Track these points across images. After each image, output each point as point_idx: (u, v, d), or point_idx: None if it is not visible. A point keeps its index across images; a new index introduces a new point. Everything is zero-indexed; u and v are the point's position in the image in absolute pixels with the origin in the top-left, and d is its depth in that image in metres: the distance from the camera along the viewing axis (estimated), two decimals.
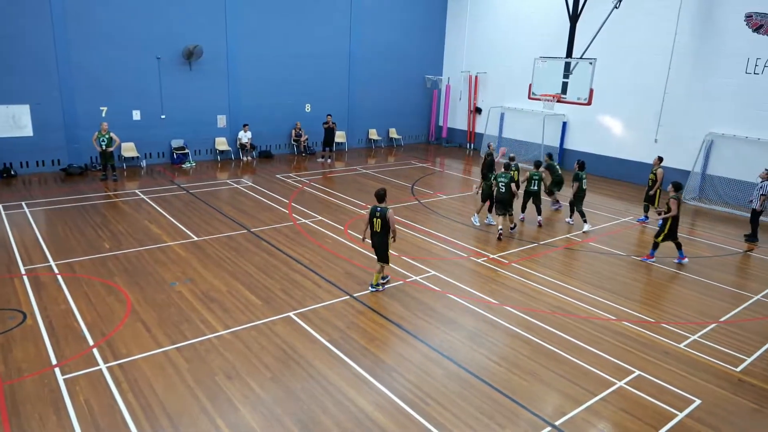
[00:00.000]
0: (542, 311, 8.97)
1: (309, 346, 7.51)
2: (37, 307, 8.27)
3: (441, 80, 26.26)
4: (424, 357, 7.40)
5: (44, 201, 13.94)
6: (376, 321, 8.34)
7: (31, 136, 16.53)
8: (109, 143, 15.90)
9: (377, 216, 8.91)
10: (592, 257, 11.68)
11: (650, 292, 10.02)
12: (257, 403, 6.25)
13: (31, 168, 16.85)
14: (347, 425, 5.94)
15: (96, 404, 6.08)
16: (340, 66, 22.93)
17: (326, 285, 9.54)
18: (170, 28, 18.16)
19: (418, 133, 26.89)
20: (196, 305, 8.56)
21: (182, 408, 6.10)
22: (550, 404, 6.53)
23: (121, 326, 7.81)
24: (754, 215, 13.18)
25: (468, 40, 24.97)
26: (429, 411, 6.25)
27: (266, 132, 21.31)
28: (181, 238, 11.60)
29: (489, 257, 11.33)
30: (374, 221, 8.95)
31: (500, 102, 23.70)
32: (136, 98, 18.13)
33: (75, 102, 17.02)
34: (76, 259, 10.17)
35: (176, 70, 18.67)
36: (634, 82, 18.91)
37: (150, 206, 13.86)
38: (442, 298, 9.28)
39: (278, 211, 13.98)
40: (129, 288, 9.05)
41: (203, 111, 19.66)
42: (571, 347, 7.83)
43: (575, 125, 21.25)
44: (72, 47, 16.58)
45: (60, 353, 7.06)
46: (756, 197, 13.05)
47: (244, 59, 20.05)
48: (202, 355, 7.18)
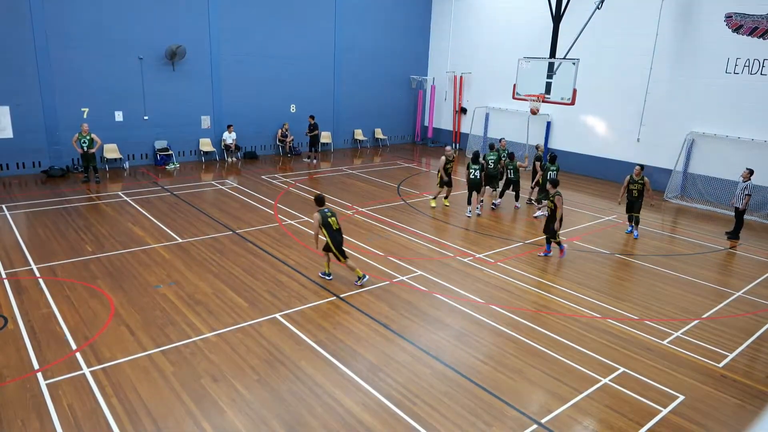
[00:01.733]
0: (528, 310, 9.04)
1: (295, 348, 7.48)
2: (18, 311, 8.13)
3: (426, 80, 26.33)
4: (411, 357, 7.42)
5: (25, 203, 13.71)
6: (362, 321, 8.33)
7: (11, 137, 16.26)
8: (90, 144, 15.69)
9: (333, 216, 9.41)
10: (576, 255, 11.79)
11: (633, 290, 10.15)
12: (243, 406, 6.21)
13: (11, 170, 16.57)
14: (334, 426, 5.93)
15: (79, 409, 6.00)
16: (325, 66, 22.89)
17: (312, 286, 9.52)
18: (153, 28, 17.98)
19: (404, 133, 26.94)
20: (181, 308, 8.48)
21: (167, 411, 6.05)
22: (536, 402, 6.58)
23: (104, 330, 7.71)
24: (738, 214, 13.36)
25: (452, 40, 25.08)
26: (416, 411, 6.26)
27: (251, 133, 21.19)
28: (165, 240, 11.48)
29: (475, 257, 11.39)
30: (331, 222, 9.32)
31: (485, 102, 23.83)
32: (118, 99, 17.92)
33: (56, 103, 16.77)
34: (58, 263, 10.03)
35: (159, 70, 18.49)
36: (617, 82, 19.14)
37: (133, 208, 13.70)
38: (428, 298, 9.30)
39: (264, 212, 13.90)
40: (112, 291, 8.94)
41: (187, 112, 19.50)
42: (557, 345, 7.90)
43: (559, 125, 21.45)
44: (52, 47, 16.34)
45: (42, 358, 6.95)
46: (740, 197, 13.16)
47: (228, 60, 19.93)
48: (187, 357, 7.12)
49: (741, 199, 13.12)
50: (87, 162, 15.89)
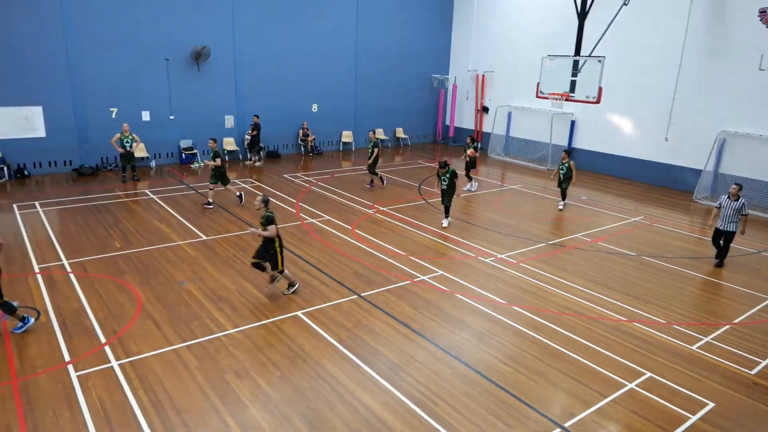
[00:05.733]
0: (550, 311, 8.95)
1: (317, 345, 7.54)
2: (50, 304, 8.36)
3: (448, 79, 26.22)
4: (432, 357, 7.41)
5: (57, 201, 14.08)
6: (383, 320, 8.35)
7: (43, 137, 16.72)
8: (131, 143, 16.00)
9: (261, 221, 8.81)
10: (601, 257, 11.62)
11: (660, 293, 9.95)
12: (266, 402, 6.29)
13: (43, 168, 17.04)
14: (355, 425, 5.96)
15: (108, 400, 6.15)
16: (346, 66, 22.98)
17: (334, 284, 9.57)
18: (179, 30, 18.29)
19: (424, 132, 26.89)
20: (205, 304, 8.62)
21: (192, 405, 6.15)
22: (558, 405, 6.51)
23: (131, 324, 7.89)
24: (729, 239, 11.32)
25: (475, 38, 24.93)
26: (437, 411, 6.26)
27: (273, 132, 21.39)
28: (190, 237, 11.68)
29: (497, 257, 11.31)
30: None
31: (507, 101, 23.64)
32: (145, 99, 18.27)
33: (86, 104, 17.19)
34: (88, 258, 10.28)
35: (185, 71, 18.80)
36: (644, 79, 18.78)
37: (159, 206, 13.97)
38: (449, 298, 9.28)
39: (286, 210, 14.03)
40: (139, 286, 9.13)
41: (211, 111, 19.78)
42: (580, 348, 7.81)
43: (583, 124, 21.15)
44: (83, 50, 16.75)
45: (73, 350, 7.14)
46: (732, 219, 10.97)
47: (251, 59, 20.15)
48: (211, 353, 7.24)
49: (735, 222, 10.98)
50: (126, 161, 16.16)
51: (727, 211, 11.01)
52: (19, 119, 16.25)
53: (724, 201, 11.11)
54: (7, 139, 16.14)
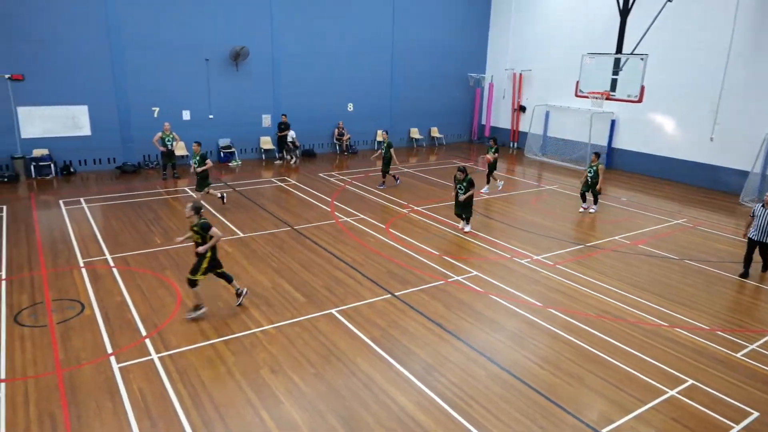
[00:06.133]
0: (588, 314, 8.76)
1: (351, 344, 7.58)
2: (94, 298, 8.67)
3: (484, 78, 25.97)
4: (466, 357, 7.35)
5: (101, 197, 14.59)
6: (417, 320, 8.34)
7: (89, 135, 17.34)
8: (172, 142, 16.44)
9: (194, 230, 7.93)
10: (641, 260, 11.31)
11: (704, 298, 9.62)
12: (300, 398, 6.36)
13: (88, 166, 17.67)
14: (389, 424, 5.96)
15: (148, 392, 6.33)
16: (382, 65, 23.02)
17: (368, 283, 9.60)
18: (218, 31, 18.68)
19: (460, 132, 26.70)
20: (243, 300, 8.77)
21: (228, 399, 6.28)
22: (595, 410, 6.37)
23: (171, 318, 8.10)
24: None
25: (512, 36, 24.60)
26: (470, 412, 6.21)
27: (309, 131, 21.61)
28: (228, 234, 11.91)
29: (532, 258, 11.14)
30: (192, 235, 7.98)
31: (545, 100, 23.24)
32: (186, 99, 18.75)
33: (129, 103, 17.74)
34: (130, 253, 10.61)
35: (224, 71, 19.19)
36: (688, 78, 18.16)
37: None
38: (484, 299, 9.19)
39: (321, 209, 14.16)
40: (179, 282, 9.37)
41: (249, 111, 20.13)
42: (619, 352, 7.62)
43: (624, 123, 20.60)
44: (126, 51, 17.29)
45: (115, 343, 7.38)
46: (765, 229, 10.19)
47: (288, 59, 20.41)
48: (247, 348, 7.36)
49: None
50: (168, 160, 16.63)
51: (762, 220, 10.21)
52: (66, 118, 16.91)
53: (758, 210, 10.34)
54: (54, 137, 16.82)
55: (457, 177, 12.45)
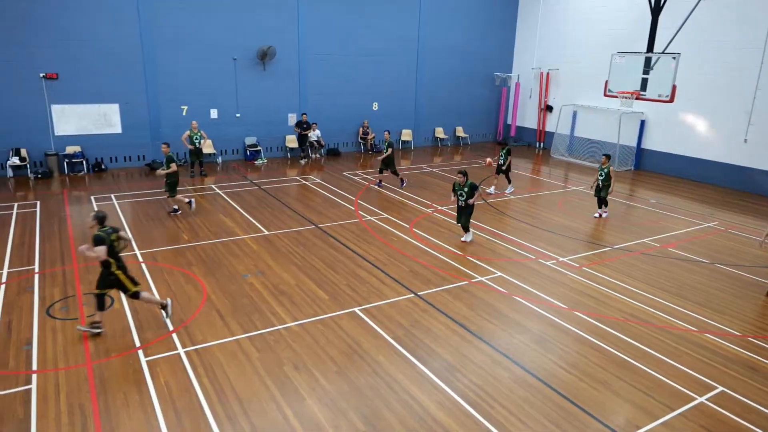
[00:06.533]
0: (615, 318, 8.60)
1: (373, 342, 7.59)
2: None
3: (510, 77, 25.72)
4: (489, 359, 7.30)
5: (130, 194, 14.91)
6: (440, 320, 8.30)
7: (120, 133, 17.74)
8: (200, 140, 16.72)
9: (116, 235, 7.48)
10: (671, 264, 11.06)
11: (735, 303, 9.35)
12: (323, 395, 6.40)
13: (119, 163, 18.08)
14: (411, 423, 5.95)
15: (174, 386, 6.45)
16: (407, 64, 22.99)
17: (391, 282, 9.60)
18: (246, 30, 18.90)
19: (485, 131, 26.50)
20: (267, 297, 8.87)
21: (252, 395, 6.35)
22: (622, 416, 6.25)
23: (197, 314, 8.23)
24: None
25: (540, 35, 24.30)
26: (493, 414, 6.15)
27: (334, 130, 21.72)
28: (253, 231, 12.05)
29: (558, 260, 10.99)
30: (116, 246, 7.45)
31: (573, 100, 22.90)
32: (213, 98, 19.03)
33: (159, 102, 18.09)
34: (158, 249, 10.82)
35: (251, 70, 19.41)
36: (722, 77, 17.69)
37: (225, 201, 14.50)
38: (508, 300, 9.10)
39: (345, 208, 14.21)
40: (205, 278, 9.52)
41: (275, 110, 20.33)
42: (646, 357, 7.46)
43: (654, 123, 20.18)
44: (157, 51, 17.63)
45: (143, 336, 7.53)
46: None
47: (314, 59, 20.53)
48: (271, 345, 7.44)
49: None
50: (195, 157, 16.91)
51: None
52: (98, 116, 17.33)
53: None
54: (87, 134, 17.25)
55: (457, 181, 11.36)
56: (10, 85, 15.85)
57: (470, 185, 11.27)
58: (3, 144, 16.15)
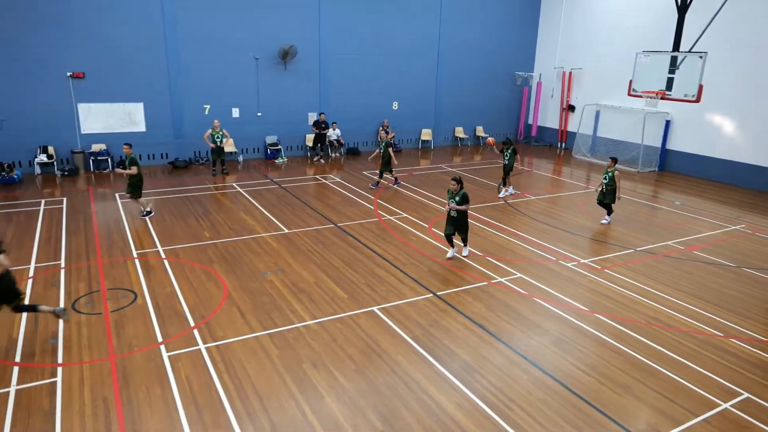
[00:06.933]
0: (637, 321, 8.47)
1: (392, 342, 7.60)
2: (146, 288, 9.01)
3: (532, 77, 25.49)
4: (508, 360, 7.25)
5: (154, 191, 15.15)
6: (459, 321, 8.27)
7: (144, 131, 18.04)
8: (222, 139, 16.94)
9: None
10: (696, 267, 10.85)
11: (762, 308, 9.14)
12: (341, 393, 6.42)
13: (143, 161, 18.35)
14: (428, 423, 5.95)
15: (195, 381, 6.54)
16: (428, 63, 22.94)
17: (409, 282, 9.60)
18: (267, 30, 19.06)
19: (506, 131, 26.30)
20: (286, 295, 8.94)
21: (271, 391, 6.41)
22: (643, 421, 6.15)
23: (218, 310, 8.33)
24: None
25: (562, 34, 24.03)
26: (511, 416, 6.11)
27: (354, 129, 21.78)
28: (273, 230, 12.15)
29: (579, 262, 10.87)
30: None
31: (596, 99, 22.60)
32: (235, 97, 19.23)
33: (182, 101, 18.35)
34: (180, 246, 10.98)
35: (272, 69, 19.57)
36: (751, 76, 17.29)
37: (245, 199, 14.65)
38: (527, 302, 9.03)
39: (364, 207, 14.24)
40: (226, 275, 9.63)
41: (295, 109, 20.46)
42: (669, 362, 7.33)
43: (680, 124, 19.81)
44: (181, 50, 17.88)
45: (165, 332, 7.65)
46: None
47: (334, 58, 20.62)
48: (290, 342, 7.49)
49: None
50: (217, 156, 17.13)
51: None
52: (122, 114, 17.65)
53: None
54: (112, 133, 17.58)
55: (451, 189, 10.46)
56: (39, 84, 16.23)
57: (463, 195, 10.31)
58: (31, 142, 16.55)
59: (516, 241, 12.00)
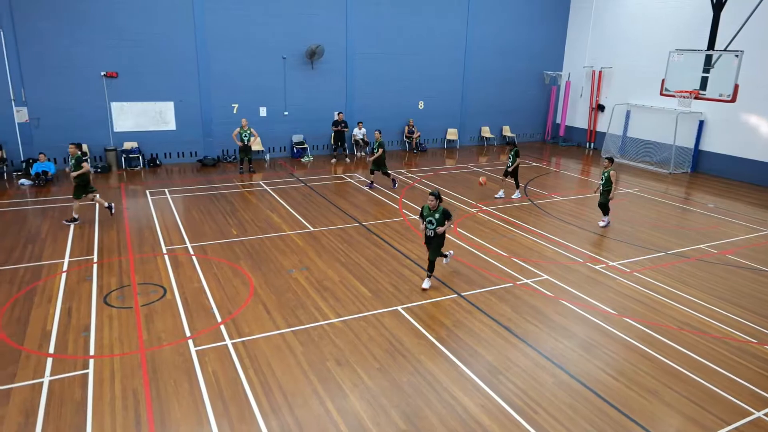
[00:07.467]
0: (667, 326, 8.28)
1: (415, 341, 7.59)
2: (175, 283, 9.19)
3: (560, 76, 25.12)
4: (533, 363, 7.17)
5: (183, 189, 15.43)
6: (483, 322, 8.21)
7: (174, 130, 18.39)
8: (249, 138, 17.18)
9: None
10: (730, 271, 10.55)
11: None
12: (365, 392, 6.44)
13: (173, 159, 18.74)
14: (452, 424, 5.92)
15: (222, 376, 6.64)
16: (455, 62, 22.80)
17: (434, 282, 9.56)
18: (295, 30, 19.20)
19: (533, 131, 25.99)
20: (311, 292, 9.00)
21: (296, 388, 6.47)
22: (673, 428, 6.02)
23: (244, 306, 8.44)
24: None
25: (593, 32, 23.62)
26: (537, 419, 6.04)
27: (379, 128, 21.69)
28: (298, 228, 12.25)
29: (608, 264, 10.67)
30: None
31: (626, 99, 22.15)
32: (263, 96, 19.44)
33: (211, 100, 18.63)
34: (208, 243, 11.15)
35: (299, 69, 19.72)
36: None
37: (272, 197, 14.80)
38: (554, 304, 8.91)
39: (389, 206, 14.24)
40: (252, 272, 9.75)
41: (321, 108, 20.56)
42: (701, 368, 7.15)
43: (714, 124, 19.27)
44: (210, 50, 18.16)
45: (193, 327, 7.79)
46: None
47: (362, 57, 20.66)
48: (315, 340, 7.55)
49: None
50: (244, 154, 17.37)
51: None
52: (154, 113, 18.02)
53: None
54: (143, 131, 17.96)
55: (428, 205, 9.04)
56: (74, 83, 16.68)
57: (443, 211, 8.98)
58: (66, 139, 16.97)
59: (542, 242, 11.85)
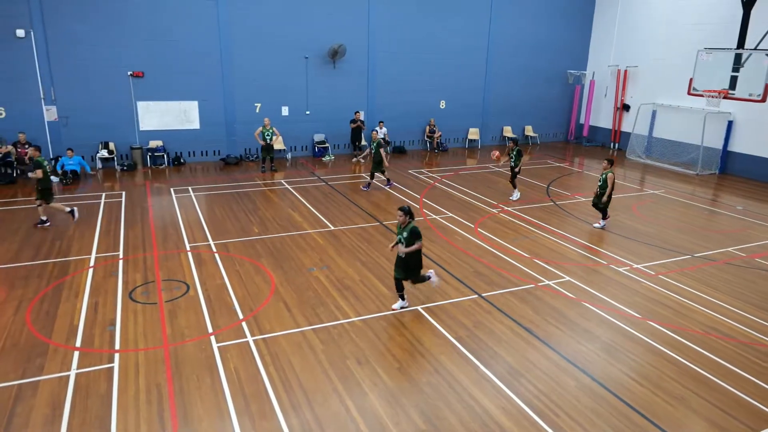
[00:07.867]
0: (694, 331, 8.11)
1: (435, 342, 7.56)
2: (198, 280, 9.32)
3: (585, 75, 24.79)
4: (555, 366, 7.08)
5: (206, 187, 15.63)
6: (504, 323, 8.15)
7: (198, 129, 18.64)
8: (271, 137, 17.33)
9: None
10: (759, 275, 10.29)
11: None
12: (384, 391, 6.45)
13: (196, 157, 18.99)
14: (472, 425, 5.89)
15: (243, 372, 6.71)
16: (477, 62, 22.67)
17: (454, 282, 9.53)
18: (317, 29, 19.29)
19: (556, 131, 25.70)
20: (331, 291, 9.04)
21: (316, 386, 6.50)
22: None
23: (265, 304, 8.52)
24: None
25: (618, 30, 23.24)
26: (558, 422, 5.97)
27: (401, 128, 21.78)
28: (319, 226, 12.31)
29: (632, 266, 10.50)
30: None
31: (652, 98, 21.74)
32: (285, 95, 19.58)
33: (234, 99, 18.84)
34: (231, 240, 11.28)
35: (321, 68, 19.81)
36: None
37: (293, 196, 14.91)
38: (576, 306, 8.80)
39: (409, 205, 14.19)
40: (273, 270, 9.83)
41: (343, 107, 20.62)
42: (728, 374, 6.99)
43: (743, 125, 18.78)
44: (234, 50, 18.36)
45: (215, 323, 7.89)
46: None
47: (383, 57, 20.67)
48: (335, 338, 7.58)
49: None
50: (266, 153, 17.54)
51: None
52: (178, 112, 18.29)
53: None
54: (168, 130, 18.25)
55: (398, 221, 8.16)
56: (102, 82, 17.01)
57: (411, 230, 7.97)
58: (93, 137, 17.38)
59: (565, 243, 11.71)
